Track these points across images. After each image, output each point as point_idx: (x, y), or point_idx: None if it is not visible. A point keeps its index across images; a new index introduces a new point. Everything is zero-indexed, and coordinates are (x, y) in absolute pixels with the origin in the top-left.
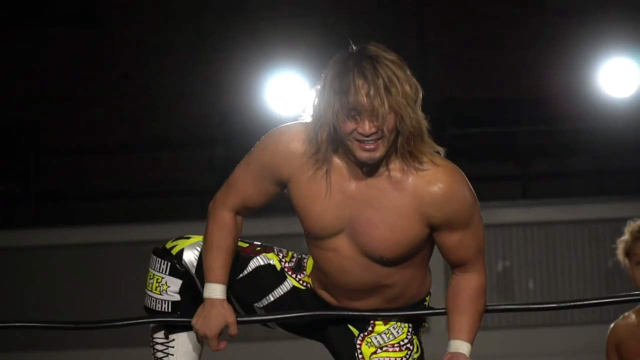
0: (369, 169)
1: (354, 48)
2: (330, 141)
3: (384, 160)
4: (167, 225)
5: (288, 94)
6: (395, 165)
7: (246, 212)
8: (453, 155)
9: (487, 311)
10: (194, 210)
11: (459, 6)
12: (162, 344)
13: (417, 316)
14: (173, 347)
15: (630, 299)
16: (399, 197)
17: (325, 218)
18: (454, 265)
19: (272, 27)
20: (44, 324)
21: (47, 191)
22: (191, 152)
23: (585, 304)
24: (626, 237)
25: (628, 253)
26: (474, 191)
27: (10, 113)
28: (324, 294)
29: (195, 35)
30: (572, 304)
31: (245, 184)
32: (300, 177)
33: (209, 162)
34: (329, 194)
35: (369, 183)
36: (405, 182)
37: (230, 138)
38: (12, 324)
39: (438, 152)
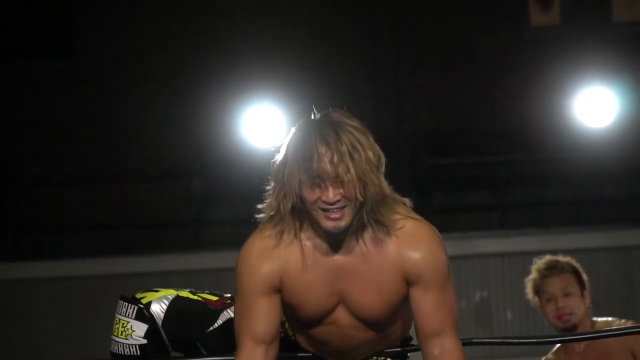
0: (344, 240)
1: (316, 114)
2: (295, 213)
3: (355, 228)
4: (144, 257)
5: (264, 125)
6: (367, 231)
7: (271, 341)
8: (430, 185)
9: (468, 344)
10: (171, 241)
11: (434, 37)
12: None
13: (401, 352)
14: None
15: (607, 335)
16: (380, 258)
17: (321, 302)
18: (430, 336)
19: (248, 59)
20: None
21: (24, 224)
22: (168, 183)
23: (568, 339)
24: (534, 275)
25: (537, 291)
26: (447, 255)
27: None
28: (312, 350)
29: (172, 67)
30: (555, 339)
31: (247, 325)
32: (287, 274)
33: (186, 194)
34: (319, 276)
35: (349, 252)
36: (384, 242)
37: (207, 169)
38: None
39: (404, 204)
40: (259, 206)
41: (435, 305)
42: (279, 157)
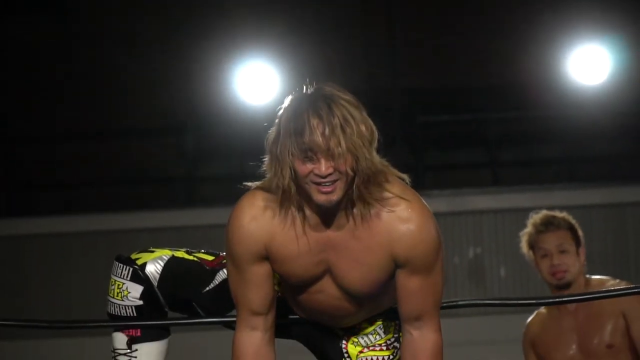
0: (335, 215)
1: (309, 88)
2: (295, 184)
3: (347, 203)
4: (136, 214)
5: (257, 83)
6: (358, 207)
7: (268, 310)
8: (423, 143)
9: (460, 306)
10: (163, 198)
11: None
12: (124, 354)
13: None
14: (136, 357)
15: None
16: (369, 236)
17: (308, 269)
18: (410, 318)
19: (240, 17)
20: (21, 323)
21: (17, 181)
22: (161, 140)
23: (564, 300)
24: (529, 229)
25: (532, 246)
26: (440, 234)
27: None
28: (305, 317)
29: (164, 25)
30: (551, 300)
31: (244, 289)
32: (274, 244)
33: (178, 150)
34: (306, 247)
35: (338, 228)
36: (375, 221)
37: (199, 126)
38: None
39: (403, 179)
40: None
41: (419, 289)
42: (272, 131)
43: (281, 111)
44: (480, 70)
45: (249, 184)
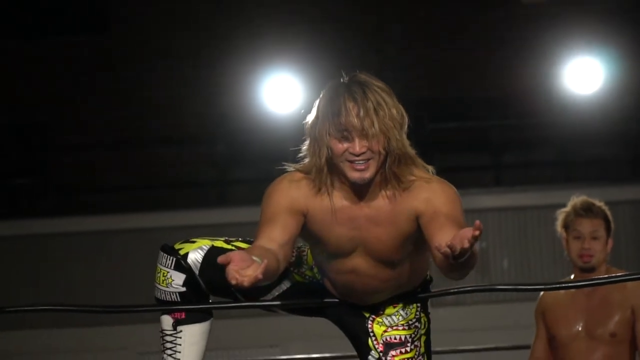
0: (366, 193)
1: (345, 77)
2: (329, 164)
3: (378, 182)
4: (174, 213)
5: (282, 93)
6: (387, 186)
7: (278, 249)
8: (432, 148)
9: (468, 291)
10: (195, 200)
11: (435, 15)
12: (170, 334)
13: (418, 299)
14: (180, 337)
15: (604, 282)
16: (395, 209)
17: (341, 244)
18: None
19: (266, 33)
20: (78, 308)
21: (62, 184)
22: (193, 148)
23: (564, 286)
24: (569, 210)
25: (567, 226)
26: (461, 201)
27: (28, 114)
28: (338, 295)
29: (196, 42)
30: (552, 286)
31: (266, 228)
32: (309, 209)
33: (209, 158)
34: (340, 221)
35: (368, 205)
36: (399, 197)
37: (229, 135)
38: (47, 307)
39: (427, 169)
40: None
41: (446, 221)
42: (311, 116)
43: (320, 97)
44: (483, 82)
45: (288, 165)
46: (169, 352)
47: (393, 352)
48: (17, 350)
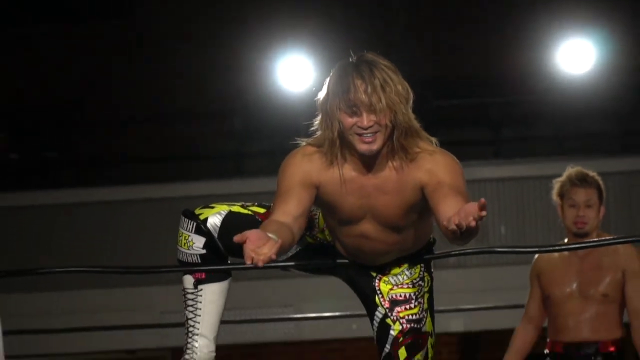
0: (374, 164)
1: (353, 57)
2: (340, 137)
3: (385, 154)
4: (194, 183)
5: (295, 72)
6: (394, 157)
7: (292, 222)
8: (437, 124)
9: (468, 254)
10: (215, 170)
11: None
12: (192, 293)
13: (422, 260)
14: (201, 295)
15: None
16: (401, 179)
17: (352, 211)
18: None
19: (281, 16)
20: (107, 269)
21: (92, 156)
22: (213, 123)
23: (556, 249)
24: (564, 179)
25: (563, 195)
26: (463, 171)
27: (61, 92)
28: (348, 256)
29: (215, 25)
30: (549, 248)
31: (281, 202)
32: (322, 180)
33: (228, 132)
34: (350, 190)
35: (376, 175)
36: (409, 167)
37: (246, 111)
38: (80, 269)
39: (431, 141)
40: (306, 137)
41: (449, 192)
42: (322, 93)
43: (330, 75)
44: (484, 63)
45: (300, 140)
46: (190, 309)
47: (398, 309)
48: (49, 310)
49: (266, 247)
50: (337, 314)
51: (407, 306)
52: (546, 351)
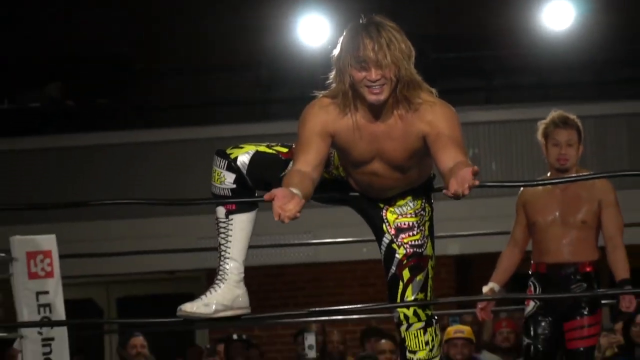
0: (382, 113)
1: (363, 18)
2: (352, 89)
3: (391, 104)
4: (226, 126)
5: (314, 30)
6: (399, 107)
7: (312, 171)
8: (433, 74)
9: (482, 186)
10: (244, 115)
11: None
12: (224, 222)
13: (423, 193)
14: (232, 224)
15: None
16: (405, 126)
17: (363, 154)
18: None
19: None
20: (153, 201)
21: (139, 103)
22: (242, 73)
23: (547, 182)
24: (548, 122)
25: (547, 135)
26: (459, 120)
27: (112, 45)
28: (359, 190)
29: None
30: (534, 182)
31: (302, 153)
32: (337, 128)
33: (256, 80)
34: (361, 136)
35: (384, 122)
36: (409, 116)
37: (271, 63)
38: (131, 201)
39: (431, 92)
40: (323, 91)
41: (449, 142)
42: (336, 50)
43: (342, 36)
44: (477, 20)
45: (317, 92)
46: (222, 236)
47: (403, 235)
48: (97, 237)
49: (291, 203)
50: (349, 239)
51: (411, 233)
52: (530, 272)
